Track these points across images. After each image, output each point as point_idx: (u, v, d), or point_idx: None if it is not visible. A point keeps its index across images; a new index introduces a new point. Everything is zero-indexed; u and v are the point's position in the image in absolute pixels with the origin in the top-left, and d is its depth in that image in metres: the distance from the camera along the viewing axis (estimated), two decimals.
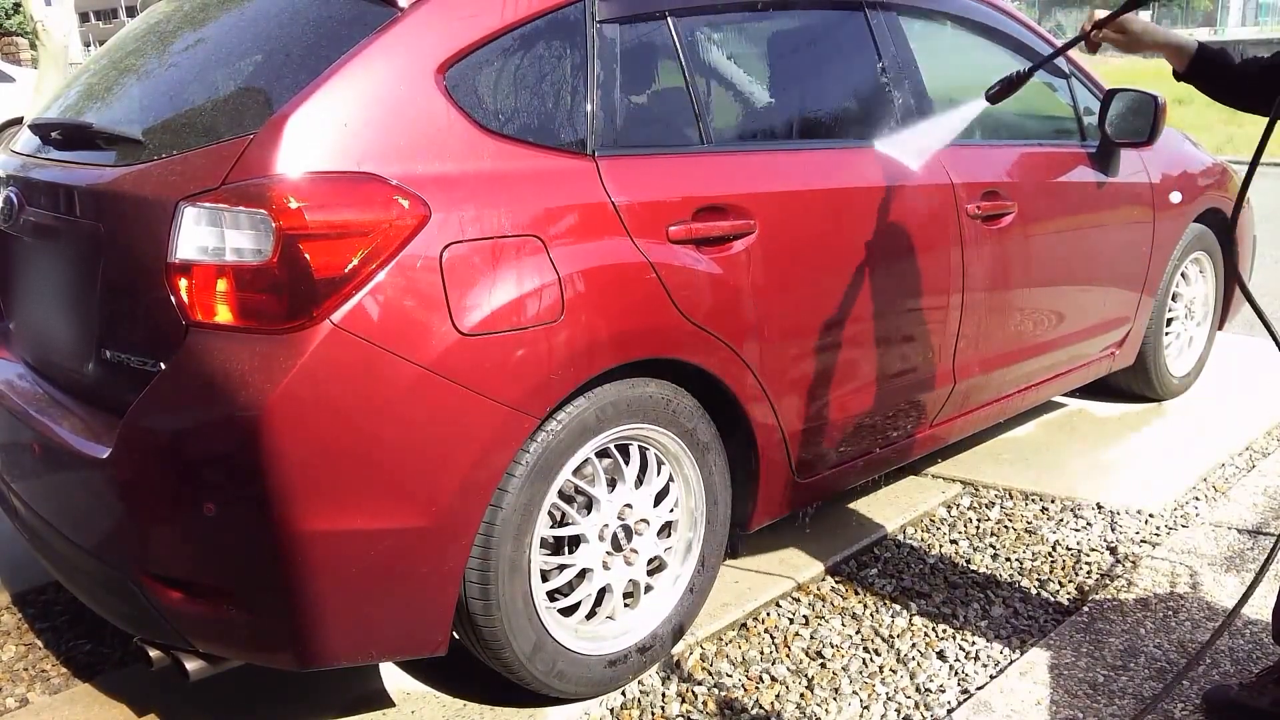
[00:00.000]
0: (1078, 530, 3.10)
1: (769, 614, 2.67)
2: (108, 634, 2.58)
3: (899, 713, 2.27)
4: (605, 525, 2.24)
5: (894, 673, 2.42)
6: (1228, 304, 4.30)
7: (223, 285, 1.81)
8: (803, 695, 2.34)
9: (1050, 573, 2.86)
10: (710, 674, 2.43)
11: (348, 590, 1.89)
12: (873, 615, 2.66)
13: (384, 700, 2.32)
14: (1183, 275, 4.06)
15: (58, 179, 2.21)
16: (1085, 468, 3.53)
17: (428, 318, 1.87)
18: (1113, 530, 3.09)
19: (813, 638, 2.56)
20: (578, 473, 2.19)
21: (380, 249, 1.83)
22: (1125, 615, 2.52)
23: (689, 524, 2.42)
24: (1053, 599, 2.73)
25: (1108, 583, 2.76)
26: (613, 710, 2.30)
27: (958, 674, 2.41)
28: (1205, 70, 2.11)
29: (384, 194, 1.85)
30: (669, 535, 2.41)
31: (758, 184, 2.40)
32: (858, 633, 2.58)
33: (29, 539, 2.34)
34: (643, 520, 2.31)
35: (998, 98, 2.53)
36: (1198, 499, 3.29)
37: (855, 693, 2.34)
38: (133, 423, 1.89)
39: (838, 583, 2.82)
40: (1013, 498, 3.33)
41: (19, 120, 11.02)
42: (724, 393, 2.38)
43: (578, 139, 2.14)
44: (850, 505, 3.24)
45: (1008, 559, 2.94)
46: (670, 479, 2.37)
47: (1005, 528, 3.13)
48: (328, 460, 1.82)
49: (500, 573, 2.05)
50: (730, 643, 2.55)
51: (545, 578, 2.20)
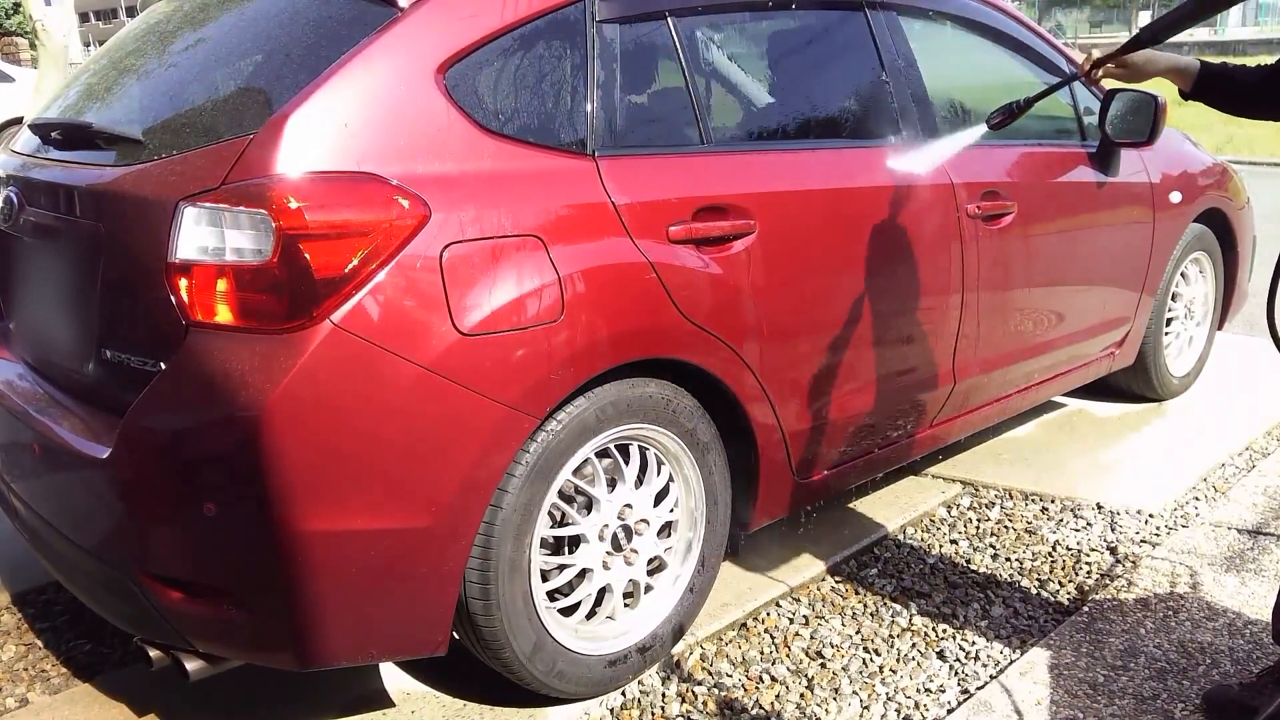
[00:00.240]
0: (1078, 530, 3.10)
1: (769, 614, 2.67)
2: (108, 634, 2.58)
3: (899, 713, 2.27)
4: (605, 525, 2.24)
5: (894, 673, 2.42)
6: (1228, 304, 4.29)
7: (223, 285, 1.81)
8: (803, 695, 2.34)
9: (1050, 573, 2.86)
10: (710, 674, 2.43)
11: (348, 590, 1.89)
12: (873, 615, 2.66)
13: (384, 700, 2.33)
14: (1183, 275, 4.06)
15: (58, 179, 2.21)
16: (1085, 468, 3.53)
17: (428, 318, 1.87)
18: (1113, 530, 3.09)
19: (813, 638, 2.56)
20: (578, 473, 2.19)
21: (380, 249, 1.83)
22: (1125, 615, 2.52)
23: (689, 524, 2.42)
24: (1053, 599, 2.73)
25: (1108, 583, 2.76)
26: (613, 710, 2.30)
27: (958, 674, 2.41)
28: (1210, 87, 2.18)
29: (384, 194, 1.85)
30: (669, 535, 2.41)
31: (758, 184, 2.40)
32: (858, 633, 2.58)
33: (29, 539, 2.34)
34: (643, 520, 2.31)
35: (999, 126, 2.64)
36: (1198, 499, 3.29)
37: (855, 693, 2.34)
38: (133, 423, 1.89)
39: (838, 583, 2.82)
40: (1013, 498, 3.33)
41: (19, 120, 11.02)
42: (724, 393, 2.38)
43: (578, 139, 2.14)
44: (850, 505, 3.24)
45: (1008, 559, 2.94)
46: (670, 479, 2.37)
47: (1005, 528, 3.13)
48: (328, 460, 1.82)
49: (500, 573, 2.05)
50: (730, 643, 2.55)
51: (545, 578, 2.20)
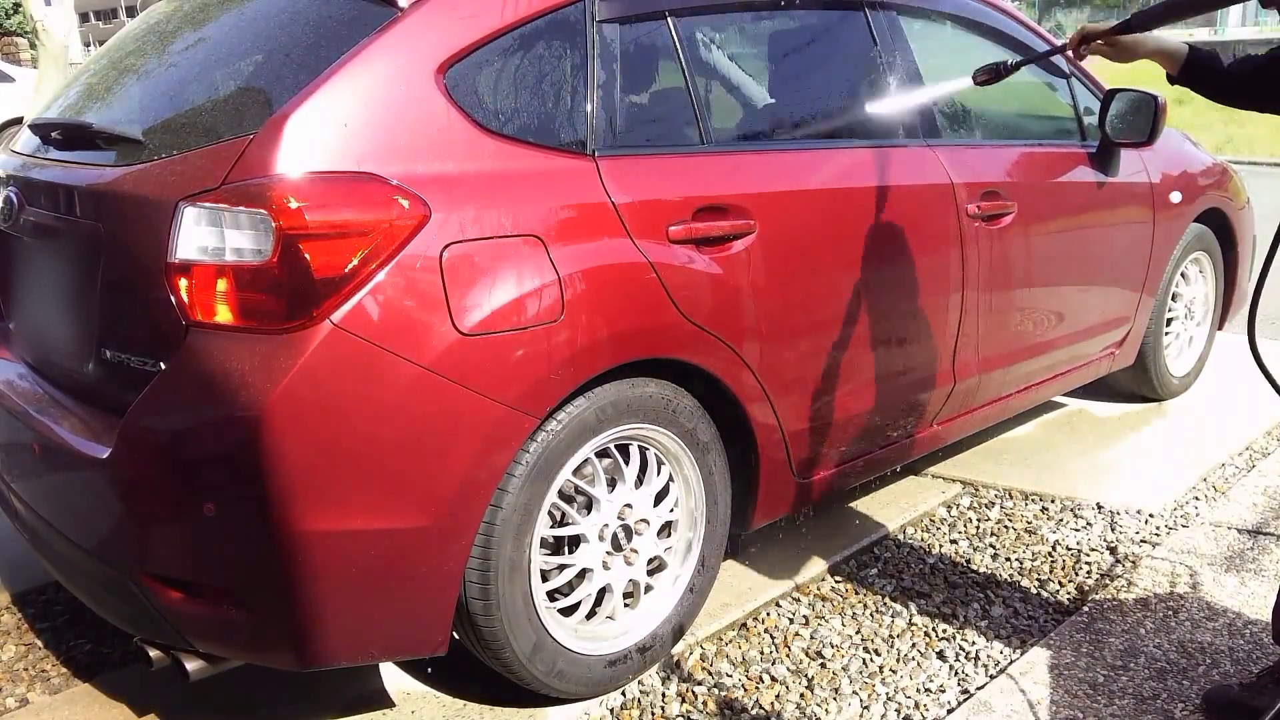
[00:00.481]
0: (1078, 530, 3.10)
1: (769, 614, 2.67)
2: (108, 634, 2.58)
3: (899, 713, 2.27)
4: (605, 525, 2.24)
5: (894, 673, 2.41)
6: (1228, 304, 4.29)
7: (223, 285, 1.81)
8: (803, 695, 2.34)
9: (1050, 573, 2.86)
10: (710, 674, 2.42)
11: (348, 590, 1.89)
12: (873, 615, 2.66)
13: (384, 700, 2.32)
14: (1183, 275, 4.06)
15: (58, 179, 2.21)
16: (1085, 468, 3.53)
17: (428, 318, 1.87)
18: (1113, 530, 3.09)
19: (813, 638, 2.56)
20: (578, 473, 2.19)
21: (380, 249, 1.83)
22: (1125, 615, 2.52)
23: (689, 524, 2.42)
24: (1053, 599, 2.72)
25: (1108, 583, 2.76)
26: (613, 710, 2.30)
27: (958, 674, 2.41)
28: (1197, 74, 2.17)
29: (384, 194, 1.85)
30: (669, 535, 2.41)
31: (758, 184, 2.40)
32: (858, 633, 2.58)
33: (29, 539, 2.34)
34: (643, 520, 2.31)
35: (984, 83, 2.53)
36: (1198, 499, 3.29)
37: (855, 693, 2.34)
38: (133, 423, 1.89)
39: (838, 583, 2.82)
40: (1013, 498, 3.33)
41: (19, 120, 11.03)
42: (724, 393, 2.38)
43: (578, 139, 2.14)
44: (850, 505, 3.24)
45: (1008, 559, 2.94)
46: (670, 479, 2.37)
47: (1005, 528, 3.13)
48: (328, 460, 1.82)
49: (500, 573, 2.05)
50: (730, 643, 2.55)
51: (545, 578, 2.20)
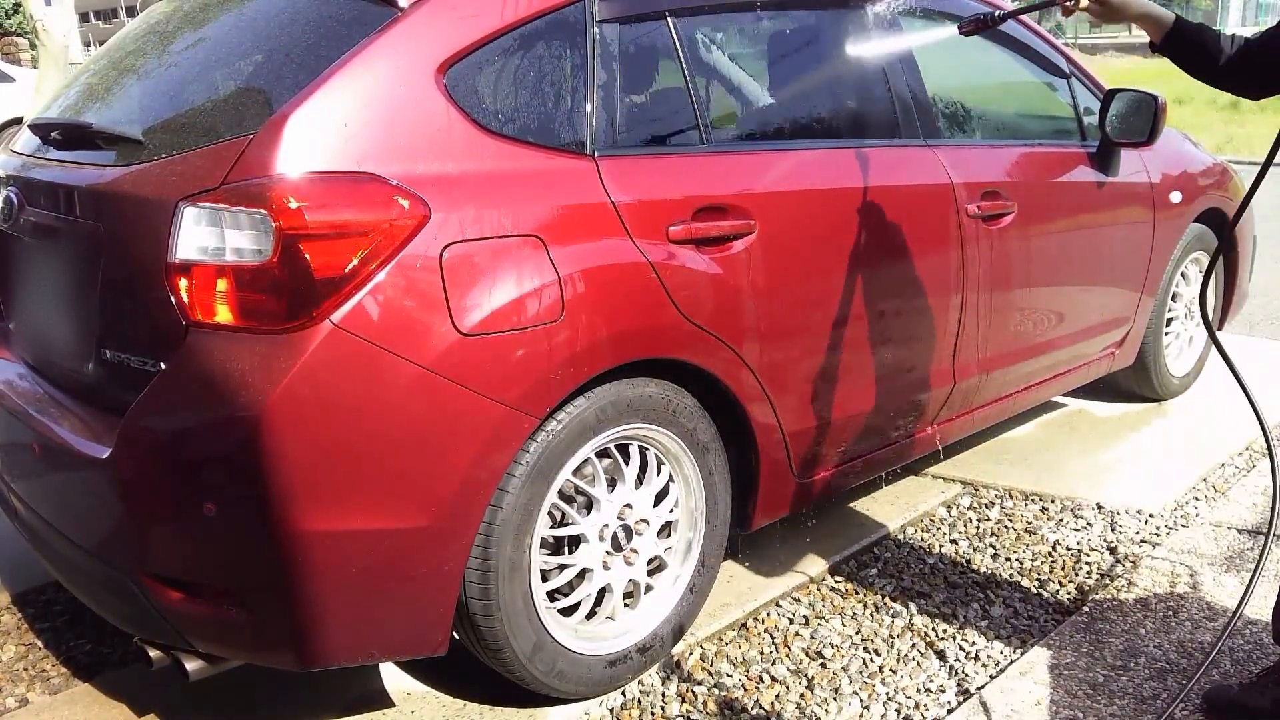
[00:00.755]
0: (1078, 530, 3.10)
1: (769, 614, 2.67)
2: (108, 634, 2.58)
3: (899, 713, 2.27)
4: (605, 525, 2.24)
5: (894, 673, 2.41)
6: (1228, 304, 4.29)
7: (223, 285, 1.81)
8: (803, 695, 2.34)
9: (1050, 573, 2.86)
10: (710, 674, 2.42)
11: (348, 590, 1.89)
12: (873, 615, 2.66)
13: (384, 700, 2.32)
14: (1183, 275, 4.06)
15: (58, 179, 2.21)
16: (1085, 468, 3.53)
17: (428, 318, 1.87)
18: (1113, 530, 3.09)
19: (813, 638, 2.56)
20: (578, 473, 2.19)
21: (380, 249, 1.83)
22: (1125, 615, 2.52)
23: (689, 524, 2.42)
24: (1053, 599, 2.72)
25: (1108, 583, 2.76)
26: (613, 710, 2.30)
27: (958, 674, 2.41)
28: (1180, 47, 2.08)
29: (384, 194, 1.85)
30: (669, 535, 2.41)
31: (758, 184, 2.40)
32: (858, 633, 2.58)
33: (29, 539, 2.34)
34: (643, 520, 2.31)
35: (970, 33, 2.48)
36: (1198, 499, 3.29)
37: (855, 693, 2.34)
38: (133, 423, 1.89)
39: (838, 583, 2.82)
40: (1013, 498, 3.33)
41: (19, 120, 11.02)
42: (724, 393, 2.38)
43: (577, 139, 2.14)
44: (850, 505, 3.24)
45: (1008, 559, 2.94)
46: (670, 479, 2.37)
47: (1005, 528, 3.13)
48: (328, 460, 1.82)
49: (500, 573, 2.05)
50: (730, 643, 2.55)
51: (545, 578, 2.20)
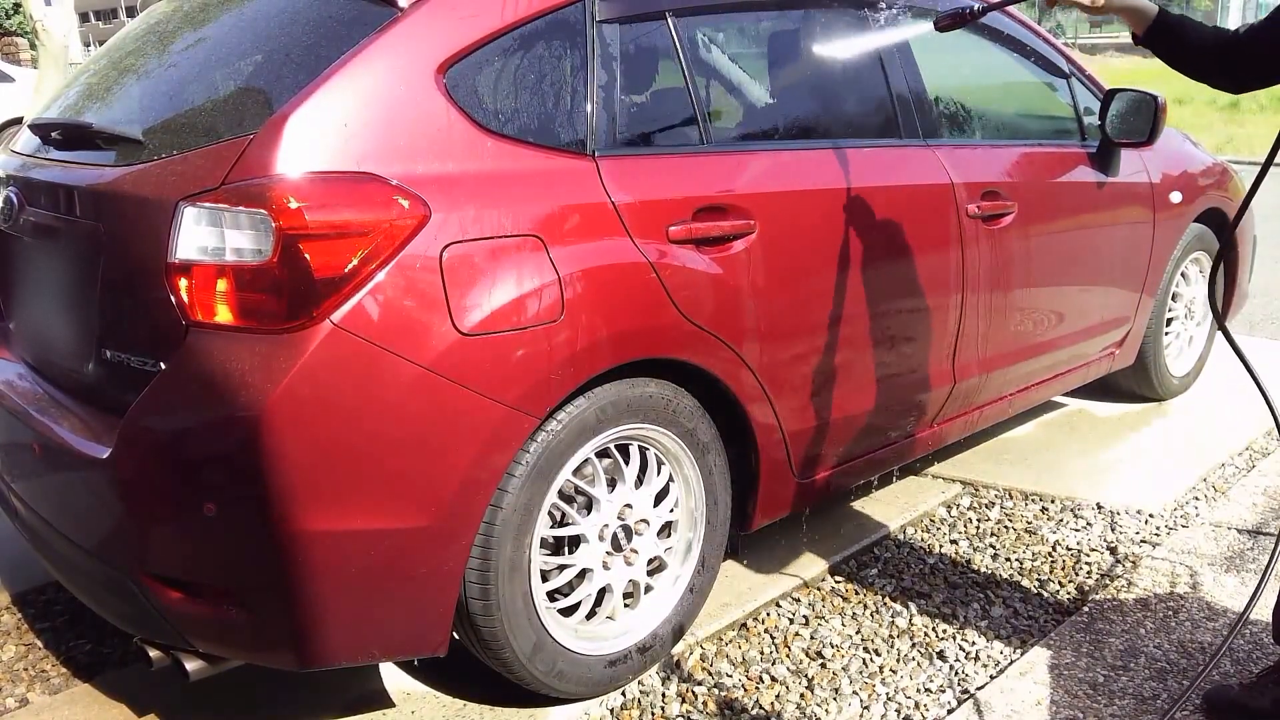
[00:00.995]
0: (1078, 530, 3.10)
1: (769, 614, 2.67)
2: (108, 634, 2.58)
3: (899, 713, 2.27)
4: (605, 525, 2.24)
5: (894, 673, 2.41)
6: (1228, 304, 4.29)
7: (223, 285, 1.81)
8: (803, 695, 2.34)
9: (1050, 573, 2.86)
10: (710, 674, 2.42)
11: (348, 590, 1.89)
12: (873, 615, 2.66)
13: (384, 700, 2.32)
14: (1183, 275, 4.06)
15: (58, 179, 2.21)
16: (1085, 468, 3.53)
17: (428, 318, 1.87)
18: (1113, 530, 3.09)
19: (813, 638, 2.56)
20: (578, 473, 2.19)
21: (380, 249, 1.83)
22: (1125, 615, 2.52)
23: (689, 524, 2.42)
24: (1053, 599, 2.72)
25: (1108, 583, 2.76)
26: (613, 710, 2.30)
27: (958, 674, 2.41)
28: (1163, 39, 2.06)
29: (384, 194, 1.85)
30: (669, 535, 2.41)
31: (758, 184, 2.40)
32: (858, 633, 2.58)
33: (29, 539, 2.34)
34: (643, 520, 2.31)
35: (946, 28, 2.40)
36: (1198, 499, 3.29)
37: (855, 693, 2.34)
38: (133, 423, 1.89)
39: (838, 583, 2.82)
40: (1013, 498, 3.33)
41: (19, 120, 11.02)
42: (724, 393, 2.38)
43: (577, 139, 2.14)
44: (850, 505, 3.24)
45: (1008, 559, 2.94)
46: (670, 479, 2.37)
47: (1005, 528, 3.13)
48: (328, 460, 1.82)
49: (500, 573, 2.05)
50: (730, 643, 2.55)
51: (545, 578, 2.20)
